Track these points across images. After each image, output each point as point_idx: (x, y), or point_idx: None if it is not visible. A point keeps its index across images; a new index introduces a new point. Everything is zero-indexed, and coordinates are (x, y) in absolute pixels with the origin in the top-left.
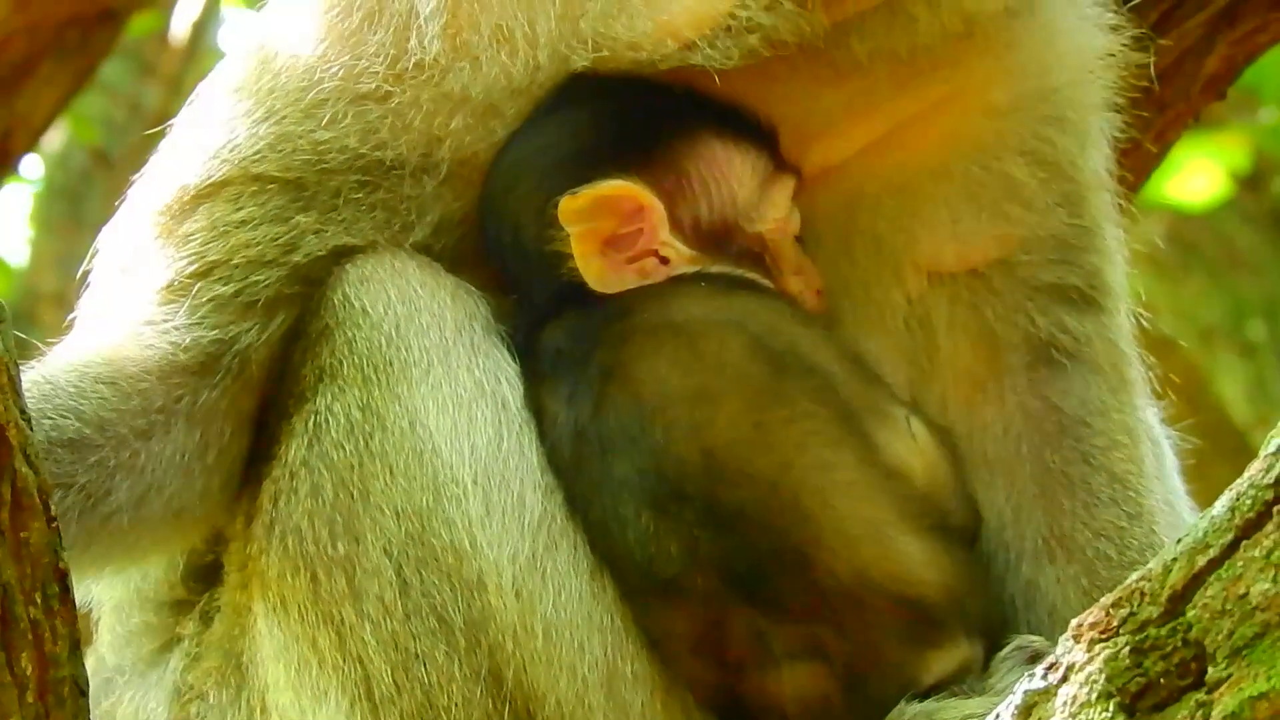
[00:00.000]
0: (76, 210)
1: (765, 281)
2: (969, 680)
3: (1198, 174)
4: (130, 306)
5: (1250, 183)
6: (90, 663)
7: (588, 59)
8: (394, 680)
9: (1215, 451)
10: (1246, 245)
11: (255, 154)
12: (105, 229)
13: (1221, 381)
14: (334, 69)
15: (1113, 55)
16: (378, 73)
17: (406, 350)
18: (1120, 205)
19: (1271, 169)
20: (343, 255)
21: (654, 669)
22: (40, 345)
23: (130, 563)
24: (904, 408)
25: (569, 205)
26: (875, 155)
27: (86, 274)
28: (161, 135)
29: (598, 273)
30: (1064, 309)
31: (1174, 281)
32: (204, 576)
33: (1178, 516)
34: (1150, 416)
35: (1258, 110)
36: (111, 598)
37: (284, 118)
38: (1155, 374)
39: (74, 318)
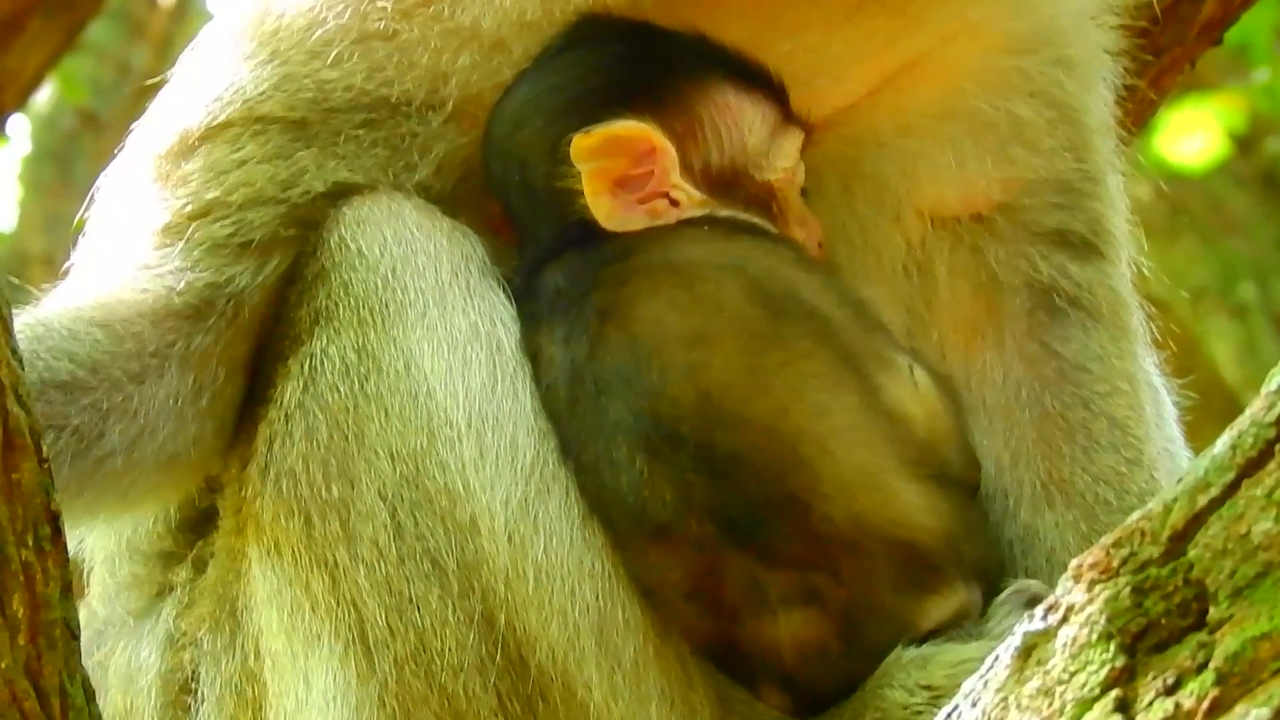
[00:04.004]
0: (65, 172)
1: (770, 227)
2: (967, 625)
3: (1193, 135)
4: (126, 251)
5: (1242, 145)
6: (82, 615)
7: None
8: (388, 624)
9: (1206, 413)
10: (1237, 207)
11: (259, 95)
12: (99, 182)
13: (1212, 343)
14: (340, 7)
15: None
16: (386, 8)
17: (402, 292)
18: (1122, 152)
19: (1263, 131)
20: (340, 195)
21: (647, 616)
22: (34, 291)
23: (123, 509)
24: (907, 355)
25: (582, 143)
26: (881, 98)
27: (75, 235)
28: (150, 95)
29: (608, 211)
30: (1066, 255)
31: (1164, 243)
32: (194, 528)
33: (1176, 464)
34: (1150, 365)
35: (1248, 73)
36: (103, 549)
37: (289, 58)
38: (1153, 327)
39: (63, 276)
